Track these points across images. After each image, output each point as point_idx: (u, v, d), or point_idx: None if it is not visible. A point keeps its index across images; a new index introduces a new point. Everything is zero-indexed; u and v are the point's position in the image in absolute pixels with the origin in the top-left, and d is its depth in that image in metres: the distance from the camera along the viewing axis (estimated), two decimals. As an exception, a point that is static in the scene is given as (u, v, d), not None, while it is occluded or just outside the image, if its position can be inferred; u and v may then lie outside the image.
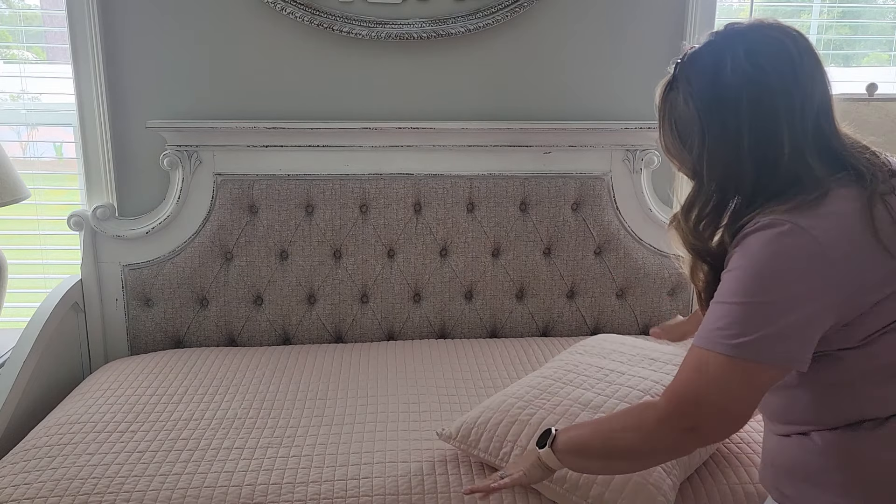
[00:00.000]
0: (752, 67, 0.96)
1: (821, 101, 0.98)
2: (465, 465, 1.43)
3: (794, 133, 0.96)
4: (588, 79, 2.20)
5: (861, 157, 0.99)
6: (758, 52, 0.97)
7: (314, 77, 2.14)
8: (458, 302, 2.18)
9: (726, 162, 0.99)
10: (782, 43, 0.97)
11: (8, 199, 1.84)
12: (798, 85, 0.96)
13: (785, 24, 1.00)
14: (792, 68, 0.96)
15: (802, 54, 0.97)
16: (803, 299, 0.91)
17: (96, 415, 1.63)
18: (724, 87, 0.97)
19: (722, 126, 0.98)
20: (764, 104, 0.96)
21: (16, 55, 2.22)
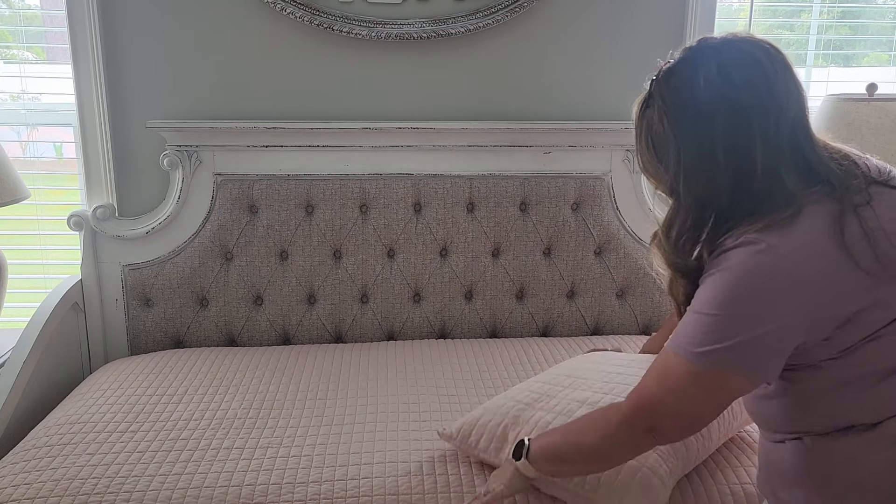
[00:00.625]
0: (724, 83, 0.96)
1: (796, 115, 0.98)
2: (465, 465, 1.43)
3: (768, 148, 0.96)
4: (588, 79, 2.20)
5: (837, 168, 0.99)
6: (731, 67, 0.96)
7: (314, 77, 2.14)
8: (458, 302, 2.18)
9: (702, 179, 0.99)
10: (755, 57, 0.97)
11: (8, 199, 1.84)
12: (772, 99, 0.96)
13: (759, 38, 1.00)
14: (766, 83, 0.96)
15: (777, 68, 0.97)
16: (772, 315, 0.92)
17: (96, 415, 1.63)
18: (698, 104, 0.97)
19: (697, 143, 0.98)
20: (738, 120, 0.96)
21: (16, 55, 2.22)
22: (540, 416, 1.40)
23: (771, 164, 0.96)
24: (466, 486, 1.37)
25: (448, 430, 1.47)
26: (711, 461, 1.45)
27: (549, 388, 1.50)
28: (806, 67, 2.43)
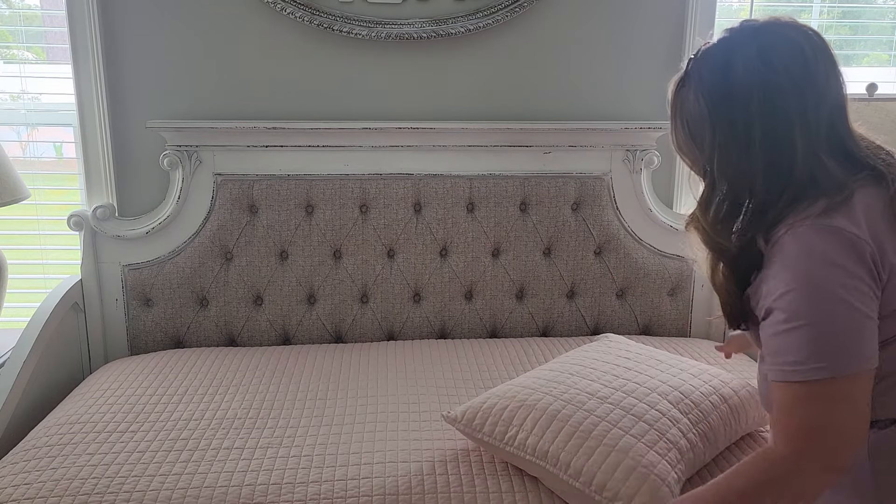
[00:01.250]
0: (763, 66, 0.95)
1: (835, 102, 0.97)
2: (465, 465, 1.43)
3: (807, 133, 0.95)
4: (588, 79, 2.20)
5: (877, 157, 0.99)
6: (770, 51, 0.96)
7: (314, 77, 2.14)
8: (458, 302, 2.18)
9: (737, 161, 0.98)
10: (796, 42, 0.96)
11: (8, 199, 1.84)
12: (811, 84, 0.95)
13: (800, 23, 0.99)
14: (805, 68, 0.95)
15: (817, 54, 0.96)
16: (855, 300, 0.90)
17: (96, 415, 1.63)
18: (735, 86, 0.96)
19: (731, 125, 0.97)
20: (775, 103, 0.95)
21: (16, 55, 2.22)
22: (548, 401, 1.40)
23: (810, 148, 0.95)
24: (466, 487, 1.37)
25: (453, 413, 1.47)
26: (714, 465, 1.44)
27: (556, 375, 1.50)
28: (806, 67, 2.43)
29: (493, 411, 1.42)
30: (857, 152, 0.98)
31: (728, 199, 1.01)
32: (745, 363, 1.92)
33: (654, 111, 2.23)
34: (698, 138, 1.02)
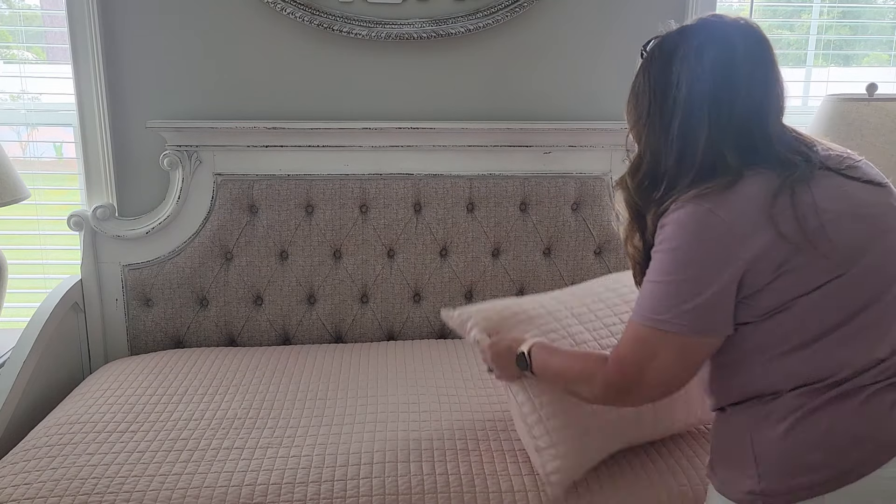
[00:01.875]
0: (695, 62, 1.06)
1: (753, 103, 1.06)
2: (465, 465, 1.43)
3: (714, 127, 1.05)
4: (588, 79, 2.20)
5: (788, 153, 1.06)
6: (706, 48, 1.06)
7: (314, 77, 2.14)
8: (458, 302, 2.18)
9: (658, 138, 1.10)
10: (731, 44, 1.06)
11: (8, 199, 1.84)
12: (729, 85, 1.05)
13: (749, 26, 1.08)
14: (729, 69, 1.05)
15: (747, 58, 1.05)
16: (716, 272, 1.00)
17: (96, 415, 1.63)
18: (671, 73, 1.08)
19: (660, 106, 1.10)
20: (694, 96, 1.06)
21: (16, 55, 2.22)
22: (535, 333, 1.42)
23: (714, 141, 1.05)
24: (466, 486, 1.37)
25: (451, 311, 1.52)
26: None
27: (556, 307, 1.53)
28: (806, 67, 2.43)
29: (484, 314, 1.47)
30: (763, 148, 1.05)
31: (650, 168, 1.12)
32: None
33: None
34: (638, 109, 1.15)
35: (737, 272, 1.00)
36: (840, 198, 1.03)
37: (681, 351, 1.04)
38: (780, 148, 1.06)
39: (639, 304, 1.07)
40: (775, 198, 1.01)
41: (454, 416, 1.62)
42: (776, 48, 1.10)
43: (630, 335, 1.08)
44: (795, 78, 2.44)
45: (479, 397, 1.72)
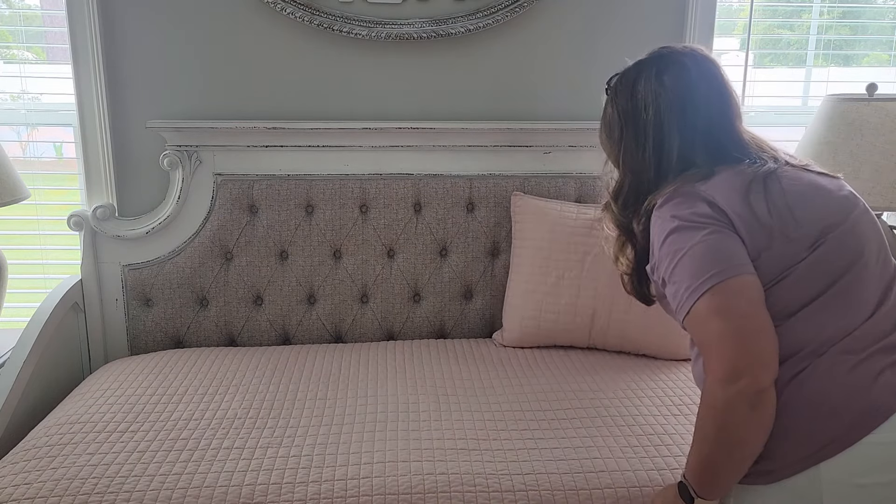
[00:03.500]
0: (657, 84, 1.21)
1: (714, 114, 1.20)
2: (466, 465, 1.43)
3: (683, 137, 1.19)
4: (588, 79, 2.20)
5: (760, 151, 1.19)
6: (664, 73, 1.21)
7: (314, 77, 2.14)
8: (457, 302, 2.18)
9: (634, 158, 1.23)
10: (686, 67, 1.21)
11: (8, 199, 1.84)
12: (691, 101, 1.19)
13: (699, 52, 1.24)
14: (688, 89, 1.19)
15: (700, 75, 1.20)
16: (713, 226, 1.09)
17: (96, 415, 1.63)
18: (637, 99, 1.22)
19: (635, 128, 1.22)
20: (661, 115, 1.20)
21: (16, 55, 2.22)
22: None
23: (684, 150, 1.19)
24: (466, 486, 1.37)
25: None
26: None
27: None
28: (806, 67, 2.43)
29: None
30: (732, 148, 1.19)
31: (632, 187, 1.24)
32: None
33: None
34: (612, 138, 1.27)
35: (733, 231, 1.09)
36: (805, 184, 1.15)
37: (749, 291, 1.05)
38: (748, 147, 1.20)
39: (678, 299, 1.09)
40: (749, 186, 1.12)
41: (454, 416, 1.62)
42: (776, 48, 1.17)
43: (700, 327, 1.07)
44: (795, 78, 2.44)
45: (479, 397, 1.72)
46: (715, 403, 1.04)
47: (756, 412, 1.03)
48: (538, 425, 1.58)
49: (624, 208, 1.25)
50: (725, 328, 1.03)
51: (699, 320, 1.06)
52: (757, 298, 1.05)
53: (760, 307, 1.05)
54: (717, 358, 1.04)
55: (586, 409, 1.65)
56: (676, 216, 1.12)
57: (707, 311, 1.05)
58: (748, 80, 2.29)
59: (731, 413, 1.03)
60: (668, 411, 1.65)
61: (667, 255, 1.11)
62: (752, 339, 1.03)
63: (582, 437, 1.53)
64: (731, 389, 1.02)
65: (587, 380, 1.81)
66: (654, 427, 1.57)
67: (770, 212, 1.10)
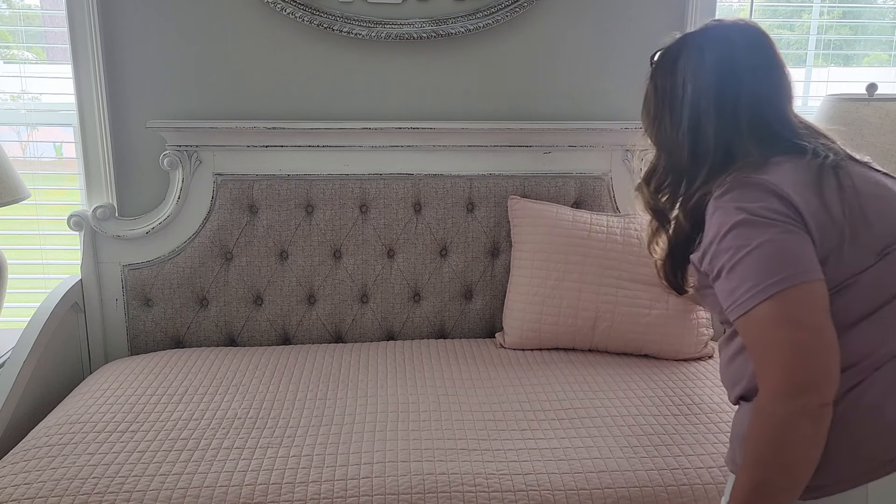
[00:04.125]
0: (698, 61, 1.12)
1: (761, 94, 1.11)
2: (466, 465, 1.43)
3: (721, 118, 1.10)
4: (588, 79, 2.20)
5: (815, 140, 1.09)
6: (707, 49, 1.12)
7: (314, 77, 2.14)
8: (457, 302, 2.18)
9: (669, 137, 1.15)
10: (732, 42, 1.12)
11: (8, 199, 1.84)
12: (734, 80, 1.10)
13: (749, 26, 1.14)
14: (731, 66, 1.10)
15: (746, 52, 1.11)
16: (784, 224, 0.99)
17: (96, 415, 1.63)
18: (677, 75, 1.14)
19: (671, 106, 1.15)
20: (699, 91, 1.11)
21: (16, 55, 2.22)
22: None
23: (723, 133, 1.10)
24: (466, 486, 1.37)
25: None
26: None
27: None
28: (806, 67, 2.43)
29: None
30: (786, 135, 1.09)
31: (665, 169, 1.17)
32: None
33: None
34: (649, 114, 1.20)
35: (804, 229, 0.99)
36: (874, 183, 1.06)
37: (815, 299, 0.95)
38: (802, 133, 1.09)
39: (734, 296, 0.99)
40: (821, 179, 1.01)
41: (454, 416, 1.62)
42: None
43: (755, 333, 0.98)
44: (795, 78, 2.43)
45: (479, 397, 1.72)
46: (773, 421, 0.95)
47: (818, 428, 0.95)
48: (538, 425, 1.58)
49: (656, 191, 1.19)
50: (792, 339, 0.94)
51: (759, 325, 0.97)
52: (824, 307, 0.97)
53: (827, 317, 0.96)
54: (780, 370, 0.95)
55: (586, 409, 1.65)
56: (744, 208, 1.00)
57: (771, 317, 0.96)
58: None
59: (791, 430, 0.94)
60: (668, 411, 1.65)
61: (728, 250, 1.01)
62: (820, 353, 0.94)
63: (582, 437, 1.53)
64: (794, 404, 0.93)
65: (587, 379, 1.81)
66: (654, 427, 1.57)
67: (843, 211, 1.00)
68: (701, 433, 1.55)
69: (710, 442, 1.51)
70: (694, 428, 1.57)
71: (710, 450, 1.48)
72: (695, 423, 1.59)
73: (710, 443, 1.51)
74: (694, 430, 1.56)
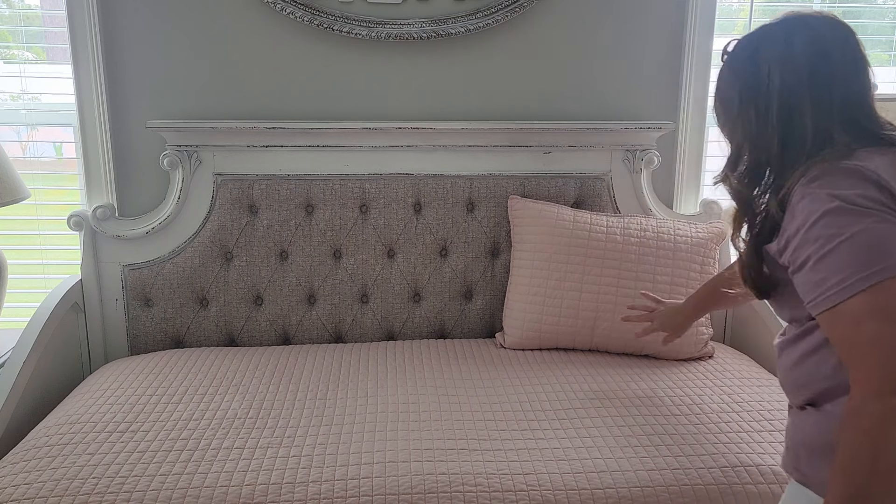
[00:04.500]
0: (786, 49, 1.06)
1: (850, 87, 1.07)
2: (466, 465, 1.43)
3: (817, 109, 1.04)
4: (588, 79, 2.20)
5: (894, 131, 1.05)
6: (795, 37, 1.07)
7: (314, 77, 2.14)
8: (457, 302, 2.18)
9: (756, 129, 1.09)
10: (820, 32, 1.07)
11: (8, 199, 1.84)
12: (826, 70, 1.05)
13: (835, 19, 1.09)
14: (822, 53, 1.05)
15: (837, 45, 1.06)
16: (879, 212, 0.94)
17: (96, 415, 1.63)
18: (760, 63, 1.08)
19: (756, 97, 1.08)
20: (791, 81, 1.05)
21: (16, 55, 2.22)
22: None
23: (821, 124, 1.04)
24: (466, 486, 1.37)
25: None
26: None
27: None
28: (806, 67, 2.42)
29: None
30: (874, 129, 1.05)
31: (753, 159, 1.10)
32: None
33: (654, 111, 2.23)
34: (728, 106, 1.13)
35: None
36: None
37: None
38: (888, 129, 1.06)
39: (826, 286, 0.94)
40: None
41: (454, 416, 1.62)
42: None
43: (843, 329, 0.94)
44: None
45: (479, 397, 1.72)
46: (869, 423, 0.89)
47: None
48: (538, 425, 1.58)
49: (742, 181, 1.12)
50: (890, 334, 0.89)
51: (850, 319, 0.92)
52: None
53: None
54: (876, 368, 0.90)
55: (586, 409, 1.65)
56: (837, 196, 0.95)
57: (866, 310, 0.90)
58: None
59: (889, 432, 0.89)
60: (669, 411, 1.65)
61: (817, 239, 0.95)
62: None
63: (582, 437, 1.53)
64: (892, 404, 0.88)
65: (587, 380, 1.81)
66: (654, 427, 1.57)
67: None
68: (701, 433, 1.55)
69: (711, 442, 1.51)
70: (694, 428, 1.57)
71: (710, 450, 1.48)
72: (695, 423, 1.59)
73: (710, 443, 1.51)
74: (694, 430, 1.56)
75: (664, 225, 2.04)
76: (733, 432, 1.55)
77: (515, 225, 2.08)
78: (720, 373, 1.87)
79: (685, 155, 2.26)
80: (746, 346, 2.15)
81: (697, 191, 2.29)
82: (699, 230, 2.05)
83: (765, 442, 1.52)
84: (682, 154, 2.26)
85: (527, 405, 1.67)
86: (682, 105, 2.22)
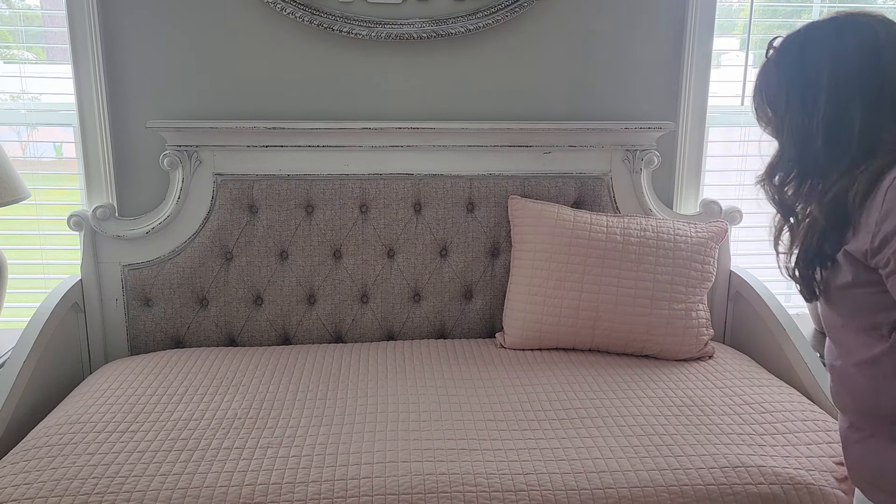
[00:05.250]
0: (836, 44, 1.03)
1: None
2: (466, 465, 1.43)
3: (867, 107, 1.02)
4: (588, 79, 2.20)
5: None
6: (845, 32, 1.04)
7: (314, 77, 2.14)
8: (457, 302, 2.18)
9: (802, 129, 1.05)
10: (871, 27, 1.04)
11: (8, 199, 1.84)
12: (876, 66, 1.02)
13: (883, 16, 1.06)
14: (874, 51, 1.02)
15: (888, 42, 1.03)
16: None
17: (96, 415, 1.63)
18: (808, 59, 1.05)
19: (801, 96, 1.05)
20: (840, 77, 1.02)
21: (16, 55, 2.22)
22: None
23: (871, 121, 1.01)
24: (466, 486, 1.37)
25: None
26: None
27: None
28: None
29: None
30: None
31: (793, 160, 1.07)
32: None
33: (654, 111, 2.23)
34: (774, 103, 1.10)
35: None
36: None
37: None
38: None
39: None
40: None
41: (454, 416, 1.62)
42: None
43: None
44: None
45: (479, 397, 1.72)
46: None
47: None
48: (538, 425, 1.58)
49: (781, 185, 1.09)
50: None
51: None
52: None
53: None
54: None
55: (586, 409, 1.65)
56: None
57: None
58: (748, 80, 2.29)
59: None
60: (669, 411, 1.65)
61: None
62: None
63: (582, 437, 1.53)
64: None
65: (587, 380, 1.81)
66: (654, 427, 1.57)
67: None
68: (702, 433, 1.55)
69: (711, 442, 1.51)
70: (695, 428, 1.57)
71: (710, 450, 1.48)
72: (695, 423, 1.59)
73: (710, 443, 1.51)
74: (694, 430, 1.56)
75: (664, 225, 2.04)
76: (733, 433, 1.55)
77: (515, 225, 2.08)
78: (720, 373, 1.87)
79: (685, 155, 2.26)
80: (746, 346, 2.15)
81: (697, 191, 2.30)
82: (699, 230, 2.05)
83: (766, 444, 1.52)
84: (682, 154, 2.26)
85: (527, 405, 1.67)
86: (682, 105, 2.22)
